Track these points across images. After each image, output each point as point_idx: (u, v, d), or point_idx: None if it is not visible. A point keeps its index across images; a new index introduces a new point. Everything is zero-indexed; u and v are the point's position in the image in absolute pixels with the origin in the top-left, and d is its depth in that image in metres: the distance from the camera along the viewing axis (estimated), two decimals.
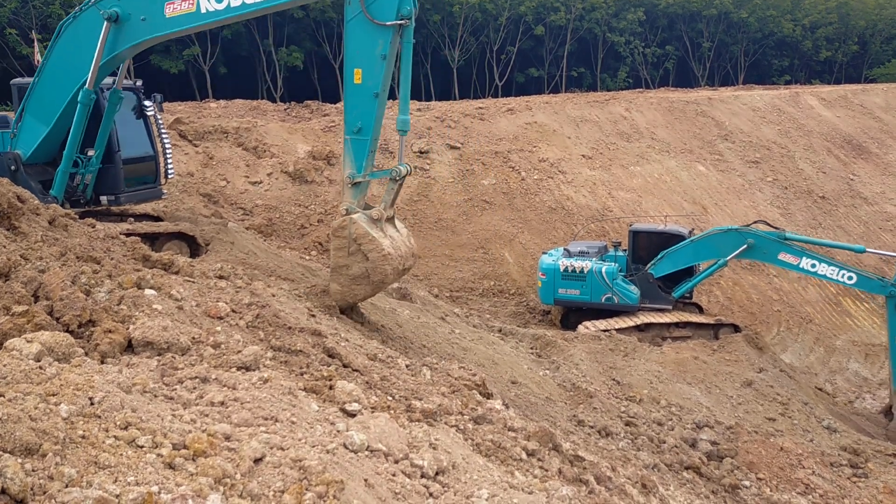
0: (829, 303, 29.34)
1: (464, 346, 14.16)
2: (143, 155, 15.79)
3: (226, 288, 8.75)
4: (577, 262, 21.78)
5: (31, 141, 13.63)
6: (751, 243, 20.31)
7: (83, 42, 12.79)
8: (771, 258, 20.69)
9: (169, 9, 12.16)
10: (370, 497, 4.43)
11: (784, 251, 20.14)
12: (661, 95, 42.23)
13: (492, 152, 31.50)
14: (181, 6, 12.10)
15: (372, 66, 11.18)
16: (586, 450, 9.06)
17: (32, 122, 13.48)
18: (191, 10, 12.00)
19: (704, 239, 21.28)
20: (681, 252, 21.43)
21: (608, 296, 21.50)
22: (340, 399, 5.88)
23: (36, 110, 13.45)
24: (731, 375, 17.48)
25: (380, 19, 10.97)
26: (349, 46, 11.38)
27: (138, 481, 3.70)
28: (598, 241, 24.57)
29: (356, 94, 11.35)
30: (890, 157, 40.06)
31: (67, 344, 5.15)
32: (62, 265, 6.92)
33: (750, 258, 21.52)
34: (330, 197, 27.20)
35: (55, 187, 14.03)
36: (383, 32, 11.07)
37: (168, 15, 12.21)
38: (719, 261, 21.01)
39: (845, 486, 12.51)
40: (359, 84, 11.26)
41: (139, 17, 12.39)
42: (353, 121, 11.38)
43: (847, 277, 19.69)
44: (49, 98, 13.36)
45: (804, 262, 19.99)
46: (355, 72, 11.25)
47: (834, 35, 69.84)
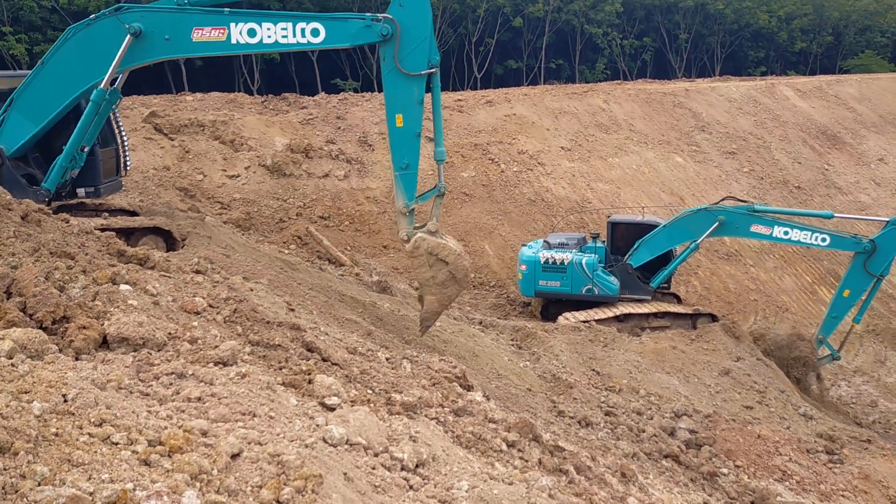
0: (805, 292, 29.71)
1: (444, 338, 14.16)
2: (111, 147, 15.73)
3: (203, 283, 8.67)
4: (557, 255, 21.87)
5: (16, 137, 13.47)
6: (721, 220, 20.60)
7: (95, 49, 12.74)
8: (743, 232, 21.08)
9: (197, 34, 12.47)
10: (349, 491, 4.41)
11: (755, 223, 20.54)
12: (638, 87, 42.43)
13: (471, 144, 31.49)
14: (210, 34, 12.47)
15: (411, 110, 12.78)
16: (566, 440, 9.11)
17: (20, 119, 13.29)
18: (220, 39, 12.48)
19: (676, 222, 21.51)
20: (656, 239, 21.60)
21: (588, 287, 21.62)
22: (320, 393, 5.85)
23: (26, 108, 13.24)
24: (708, 364, 17.65)
25: (414, 71, 12.51)
26: (389, 95, 12.82)
27: (112, 479, 3.65)
28: (576, 233, 24.65)
29: (401, 137, 12.90)
30: (864, 148, 40.57)
31: (40, 341, 5.07)
32: (35, 261, 6.82)
33: (723, 235, 21.87)
34: (308, 190, 27.06)
35: (49, 181, 13.89)
36: (418, 81, 12.60)
37: (195, 39, 12.51)
38: (692, 244, 21.24)
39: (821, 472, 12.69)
40: (401, 127, 12.84)
41: (163, 36, 12.55)
42: (401, 159, 12.93)
43: (821, 240, 20.20)
44: (44, 98, 13.17)
45: (776, 231, 20.44)
46: (397, 117, 12.82)
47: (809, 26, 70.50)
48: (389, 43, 12.55)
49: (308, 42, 12.79)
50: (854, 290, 20.44)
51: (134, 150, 25.17)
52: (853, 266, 20.35)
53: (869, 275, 20.00)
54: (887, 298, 30.14)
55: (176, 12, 12.60)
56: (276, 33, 12.59)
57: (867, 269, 19.95)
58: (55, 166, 13.95)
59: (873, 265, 19.89)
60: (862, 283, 20.32)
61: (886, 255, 19.91)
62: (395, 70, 12.57)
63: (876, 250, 19.78)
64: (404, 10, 12.48)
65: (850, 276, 20.59)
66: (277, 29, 12.58)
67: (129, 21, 12.44)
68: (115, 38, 12.54)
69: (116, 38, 12.52)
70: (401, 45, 12.46)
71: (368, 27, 12.61)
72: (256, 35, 12.54)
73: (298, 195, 26.71)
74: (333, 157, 28.57)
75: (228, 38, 12.50)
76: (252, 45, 12.70)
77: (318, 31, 12.72)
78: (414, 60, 12.55)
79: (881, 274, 19.95)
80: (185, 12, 12.61)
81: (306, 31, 12.66)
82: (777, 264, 30.60)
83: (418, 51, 12.52)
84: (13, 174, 13.50)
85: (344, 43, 13.14)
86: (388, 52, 12.58)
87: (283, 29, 12.60)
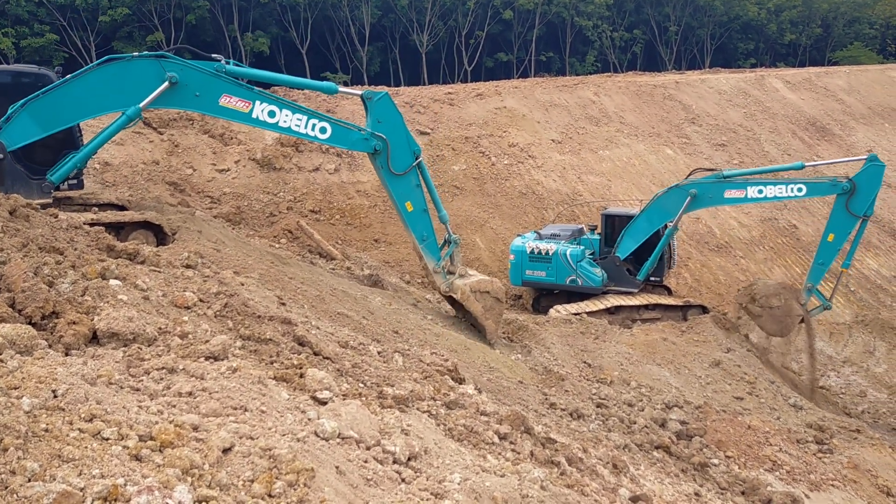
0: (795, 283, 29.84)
1: (436, 331, 14.17)
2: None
3: (193, 277, 8.64)
4: (543, 245, 22.02)
5: (19, 137, 13.64)
6: (694, 193, 20.53)
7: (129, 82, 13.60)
8: (718, 199, 20.96)
9: (224, 100, 13.83)
10: (342, 484, 4.41)
11: (728, 188, 20.48)
12: (629, 79, 42.45)
13: (462, 138, 31.45)
14: (236, 104, 13.92)
15: (413, 195, 15.37)
16: (558, 432, 9.13)
17: (29, 121, 13.48)
18: (243, 111, 13.99)
19: (652, 205, 21.50)
20: (636, 225, 21.64)
21: (572, 278, 21.77)
22: (311, 387, 5.84)
23: (39, 114, 13.45)
24: (699, 356, 17.72)
25: (405, 170, 15.10)
26: (394, 192, 15.28)
27: (104, 474, 3.64)
28: (572, 225, 24.65)
29: (414, 217, 15.50)
30: (852, 139, 40.75)
31: (30, 336, 5.05)
32: (24, 256, 6.77)
33: (699, 208, 21.58)
34: (299, 184, 26.98)
35: (59, 174, 14.21)
36: (412, 173, 15.24)
37: (221, 104, 13.84)
38: (669, 226, 21.23)
39: (811, 462, 12.79)
40: (412, 211, 15.42)
41: (194, 92, 13.68)
42: (420, 233, 15.64)
43: (797, 190, 20.19)
44: (61, 110, 13.51)
45: (750, 192, 20.38)
46: (406, 205, 15.36)
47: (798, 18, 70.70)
48: (381, 155, 14.91)
49: (315, 136, 14.66)
50: (838, 233, 20.10)
51: (123, 144, 25.04)
52: (835, 209, 20.05)
53: (852, 216, 19.68)
54: (875, 289, 30.33)
55: (212, 76, 13.83)
56: (291, 120, 14.31)
57: (849, 210, 19.64)
58: (67, 164, 14.24)
59: (855, 205, 19.56)
60: (846, 225, 19.94)
61: (867, 194, 19.55)
62: (392, 174, 14.99)
63: (855, 189, 19.47)
64: (383, 125, 14.87)
65: (833, 220, 20.22)
66: (294, 117, 14.32)
67: (170, 70, 13.49)
68: (150, 79, 13.52)
69: (152, 80, 13.51)
70: (391, 154, 14.87)
71: (366, 140, 14.86)
72: (275, 117, 14.17)
73: (289, 189, 26.63)
74: (324, 150, 28.47)
75: (251, 111, 14.02)
76: (268, 123, 14.29)
77: (325, 129, 14.62)
78: (403, 161, 15.05)
79: (865, 214, 19.60)
80: (220, 79, 13.88)
81: (317, 127, 14.54)
82: (767, 256, 30.74)
83: (402, 151, 15.01)
84: (15, 167, 13.73)
85: (343, 146, 15.56)
86: (382, 162, 14.95)
87: (299, 119, 14.37)
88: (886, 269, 31.60)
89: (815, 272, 20.95)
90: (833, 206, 20.17)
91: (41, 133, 13.60)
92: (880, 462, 13.87)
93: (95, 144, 14.48)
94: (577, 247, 21.97)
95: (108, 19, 47.73)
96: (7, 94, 13.91)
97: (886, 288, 30.46)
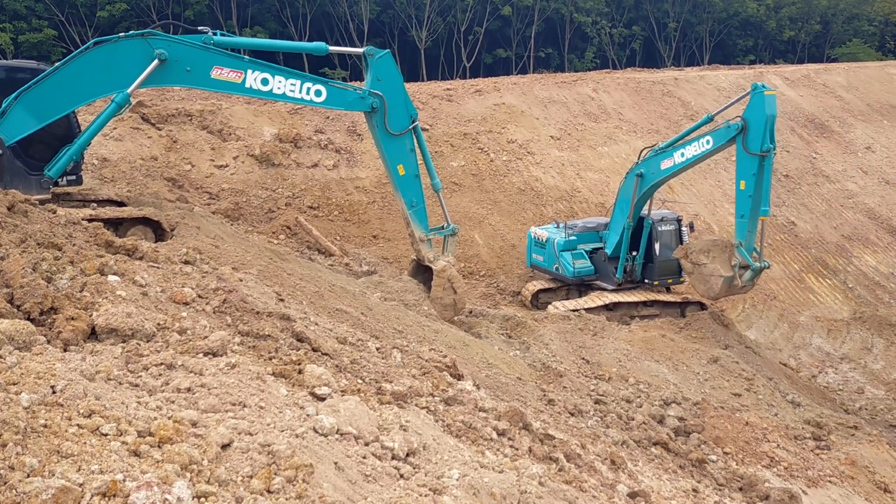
0: (793, 279, 29.88)
1: (435, 328, 14.17)
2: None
3: (191, 273, 8.63)
4: (541, 232, 23.38)
5: (16, 130, 13.62)
6: (640, 173, 20.70)
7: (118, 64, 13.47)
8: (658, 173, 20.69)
9: (216, 72, 13.80)
10: (340, 480, 4.42)
11: (662, 159, 20.45)
12: (627, 76, 42.41)
13: (460, 134, 31.41)
14: (228, 74, 13.86)
15: (406, 159, 15.43)
16: (556, 428, 9.15)
17: (24, 114, 13.43)
18: (236, 81, 13.98)
19: (618, 195, 21.98)
20: (612, 219, 22.22)
21: (556, 265, 22.72)
22: (310, 383, 5.84)
23: (33, 105, 13.41)
24: (697, 352, 17.74)
25: (401, 130, 15.21)
26: (388, 153, 15.34)
27: (102, 469, 3.64)
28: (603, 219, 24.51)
29: (405, 182, 15.56)
30: (851, 136, 40.73)
31: (28, 332, 5.04)
32: (22, 252, 6.77)
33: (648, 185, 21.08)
34: (297, 180, 26.95)
35: (55, 169, 14.16)
36: (407, 136, 15.33)
37: (213, 76, 13.81)
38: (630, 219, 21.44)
39: (809, 459, 12.81)
40: (404, 175, 15.45)
41: (185, 67, 13.63)
42: (410, 199, 15.67)
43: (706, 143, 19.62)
44: (55, 98, 13.44)
45: (676, 157, 20.15)
46: (398, 168, 15.38)
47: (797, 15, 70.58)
48: (378, 113, 14.93)
49: (311, 100, 14.75)
50: (747, 178, 18.93)
51: (121, 140, 25.01)
52: (738, 154, 19.09)
53: (752, 155, 18.64)
54: (873, 286, 30.37)
55: (201, 49, 13.75)
56: (285, 86, 14.28)
57: (746, 149, 18.68)
58: (63, 157, 14.18)
59: (750, 143, 18.61)
60: (750, 167, 18.84)
61: (758, 127, 18.55)
62: (388, 133, 14.98)
63: (747, 126, 18.65)
64: (383, 83, 14.83)
65: (739, 166, 19.18)
66: (287, 83, 14.29)
67: (158, 47, 13.36)
68: (139, 58, 13.40)
69: (141, 59, 13.40)
70: (388, 113, 14.88)
71: (362, 99, 14.84)
72: (269, 84, 14.15)
73: (287, 185, 26.60)
74: (322, 146, 28.44)
75: (244, 81, 13.99)
76: (263, 91, 14.30)
77: (320, 92, 14.65)
78: (399, 121, 15.10)
79: (764, 150, 18.42)
80: (209, 51, 13.82)
81: (311, 91, 14.56)
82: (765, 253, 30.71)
83: (400, 112, 15.04)
84: (14, 163, 13.72)
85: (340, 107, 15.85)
86: (378, 121, 15.02)
87: (293, 84, 14.33)
88: (884, 266, 31.63)
89: (738, 227, 19.65)
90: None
91: (38, 124, 13.53)
92: (878, 458, 13.90)
93: (88, 135, 14.40)
94: (562, 237, 22.63)
95: (106, 14, 47.63)
96: (5, 90, 13.88)
97: (884, 285, 30.50)
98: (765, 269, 20.05)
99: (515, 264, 26.28)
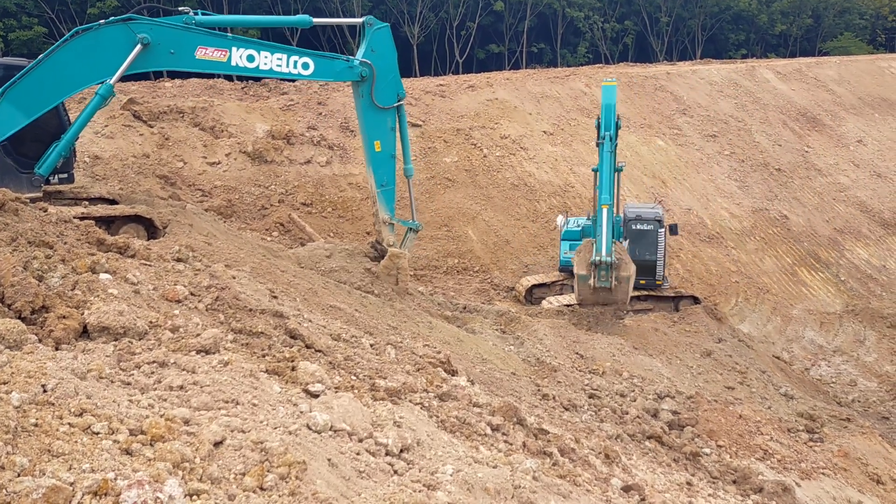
0: (786, 273, 29.98)
1: (429, 323, 14.17)
2: None
3: (184, 271, 8.60)
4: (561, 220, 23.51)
5: (6, 128, 13.51)
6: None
7: (101, 52, 13.33)
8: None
9: (200, 52, 13.72)
10: (334, 477, 4.41)
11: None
12: (620, 71, 42.42)
13: (454, 129, 31.39)
14: (213, 54, 13.80)
15: (386, 137, 15.29)
16: (550, 423, 9.16)
17: (11, 109, 13.30)
18: (221, 60, 13.92)
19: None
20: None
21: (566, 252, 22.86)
22: (303, 380, 5.83)
23: (19, 100, 13.26)
24: (690, 346, 17.79)
25: (387, 105, 15.11)
26: (367, 126, 15.25)
27: (94, 468, 3.62)
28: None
29: (379, 159, 15.37)
30: (843, 130, 40.85)
31: (19, 331, 5.01)
32: (13, 250, 6.73)
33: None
34: (290, 177, 26.89)
35: (45, 167, 14.02)
36: (390, 112, 15.24)
37: (198, 57, 13.73)
38: None
39: (802, 451, 12.86)
40: (379, 151, 15.30)
41: (168, 50, 13.53)
42: (381, 178, 15.49)
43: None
44: (41, 92, 13.29)
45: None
46: (375, 143, 15.22)
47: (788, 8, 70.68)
48: (366, 83, 14.87)
49: (299, 73, 14.65)
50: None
51: (113, 137, 24.90)
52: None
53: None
54: (865, 278, 30.50)
55: (183, 30, 13.64)
56: (272, 61, 14.22)
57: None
58: (52, 154, 14.05)
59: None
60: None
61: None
62: (372, 105, 14.91)
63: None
64: (377, 55, 14.89)
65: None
66: (273, 58, 14.24)
67: (139, 31, 13.25)
68: (122, 45, 13.28)
69: (124, 45, 13.28)
70: (375, 84, 14.79)
71: (351, 68, 14.75)
72: (255, 61, 14.08)
73: (280, 182, 26.54)
74: (315, 143, 28.38)
75: (229, 59, 13.92)
76: (249, 68, 14.19)
77: (308, 64, 14.56)
78: (386, 96, 15.02)
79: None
80: (191, 31, 13.72)
81: (298, 64, 14.47)
82: (758, 246, 30.84)
83: (389, 86, 14.99)
84: (4, 161, 13.61)
85: (329, 78, 15.39)
86: (365, 91, 14.87)
87: (279, 59, 14.30)
88: (876, 259, 31.77)
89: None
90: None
91: (26, 119, 13.40)
92: (870, 450, 13.97)
93: (75, 130, 14.24)
94: (571, 227, 22.67)
95: (96, 11, 47.33)
96: None
97: (876, 277, 30.64)
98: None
99: (509, 260, 26.31)
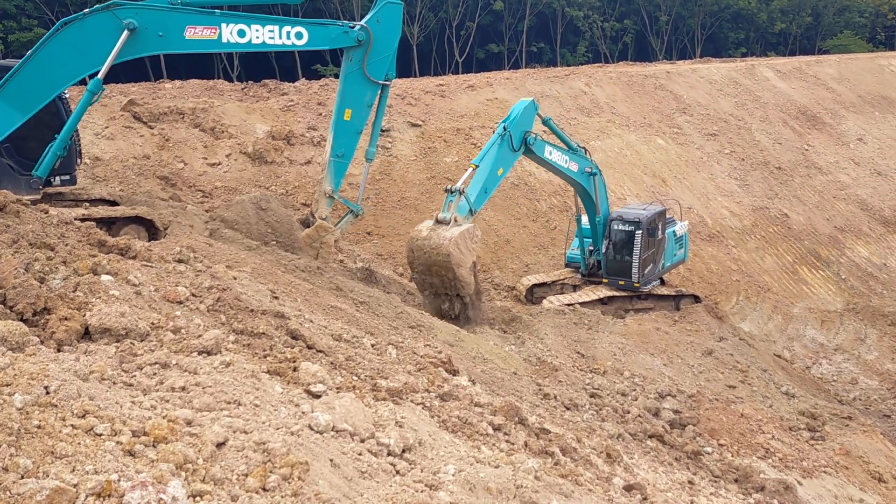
0: (786, 271, 29.98)
1: (429, 324, 14.17)
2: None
3: (185, 272, 8.60)
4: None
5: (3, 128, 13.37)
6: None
7: (88, 42, 13.12)
8: (541, 150, 18.85)
9: (190, 32, 13.50)
10: (336, 477, 4.42)
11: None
12: (620, 70, 42.43)
13: (453, 129, 31.39)
14: (203, 32, 13.58)
15: (360, 110, 15.10)
16: (552, 422, 9.16)
17: (7, 108, 13.18)
18: (211, 38, 13.71)
19: None
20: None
21: None
22: (305, 380, 5.84)
23: (14, 98, 13.14)
24: (692, 345, 17.79)
25: (374, 78, 14.95)
26: (345, 92, 14.96)
27: (97, 470, 3.63)
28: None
29: (345, 129, 15.18)
30: (843, 128, 40.86)
31: (21, 333, 5.02)
32: (14, 252, 6.73)
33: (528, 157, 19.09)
34: (290, 177, 26.89)
35: (42, 168, 13.92)
36: (373, 87, 15.05)
37: (187, 37, 13.51)
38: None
39: (803, 449, 12.86)
40: (348, 121, 15.10)
41: (157, 33, 13.29)
42: (339, 147, 15.30)
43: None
44: (33, 88, 13.16)
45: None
46: (346, 111, 15.01)
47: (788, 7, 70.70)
48: (361, 48, 14.71)
49: (293, 44, 14.48)
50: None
51: (113, 139, 24.90)
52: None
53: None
54: (866, 276, 30.50)
55: (169, 11, 13.38)
56: (263, 34, 14.07)
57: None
58: (48, 154, 13.95)
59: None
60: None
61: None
62: (360, 72, 14.69)
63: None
64: (380, 26, 14.72)
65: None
66: (265, 31, 14.08)
67: (125, 17, 12.99)
68: (109, 33, 13.03)
69: (111, 33, 13.02)
70: (370, 53, 14.64)
71: (346, 33, 14.56)
72: (246, 35, 13.87)
73: (280, 182, 26.54)
74: (315, 143, 28.37)
75: (220, 37, 13.67)
76: (241, 44, 14.01)
77: (301, 34, 14.41)
78: (377, 69, 14.88)
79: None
80: (178, 11, 13.45)
81: (291, 34, 14.33)
82: (758, 244, 30.84)
83: (382, 62, 14.85)
84: (3, 163, 13.56)
85: (324, 45, 15.06)
86: (357, 56, 14.72)
87: (271, 31, 14.15)
88: (877, 257, 31.77)
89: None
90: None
91: (23, 117, 13.28)
92: (872, 448, 13.97)
93: (68, 129, 14.09)
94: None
95: None
96: None
97: (877, 275, 30.64)
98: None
99: (509, 259, 26.31)
